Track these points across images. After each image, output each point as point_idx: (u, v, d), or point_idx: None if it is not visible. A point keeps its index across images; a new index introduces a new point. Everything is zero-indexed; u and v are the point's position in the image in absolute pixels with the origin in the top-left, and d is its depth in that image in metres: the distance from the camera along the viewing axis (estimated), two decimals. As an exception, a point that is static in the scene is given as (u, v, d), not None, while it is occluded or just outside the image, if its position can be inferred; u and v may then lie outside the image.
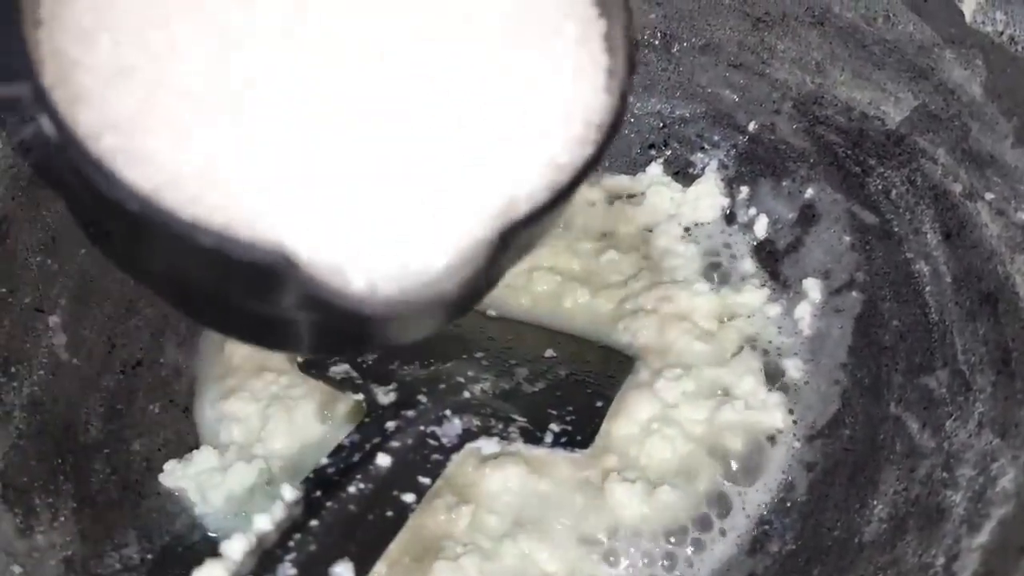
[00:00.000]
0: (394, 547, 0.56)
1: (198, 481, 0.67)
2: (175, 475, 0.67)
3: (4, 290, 0.65)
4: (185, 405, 0.73)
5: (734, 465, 0.67)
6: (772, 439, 0.68)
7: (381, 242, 0.34)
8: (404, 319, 0.35)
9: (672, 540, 0.64)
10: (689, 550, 0.64)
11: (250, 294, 0.36)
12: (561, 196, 0.36)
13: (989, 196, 0.64)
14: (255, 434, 0.69)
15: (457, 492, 0.66)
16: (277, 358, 0.74)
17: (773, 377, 0.72)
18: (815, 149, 0.77)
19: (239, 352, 0.74)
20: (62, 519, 0.60)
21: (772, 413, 0.69)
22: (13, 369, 0.64)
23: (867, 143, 0.73)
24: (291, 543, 0.51)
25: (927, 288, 0.67)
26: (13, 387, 0.63)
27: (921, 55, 0.70)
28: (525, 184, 0.36)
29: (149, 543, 0.63)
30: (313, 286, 0.32)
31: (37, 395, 0.64)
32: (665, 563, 0.64)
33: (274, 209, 0.33)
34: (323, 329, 0.39)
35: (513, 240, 0.34)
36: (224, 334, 0.64)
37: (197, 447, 0.70)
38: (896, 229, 0.71)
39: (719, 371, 0.71)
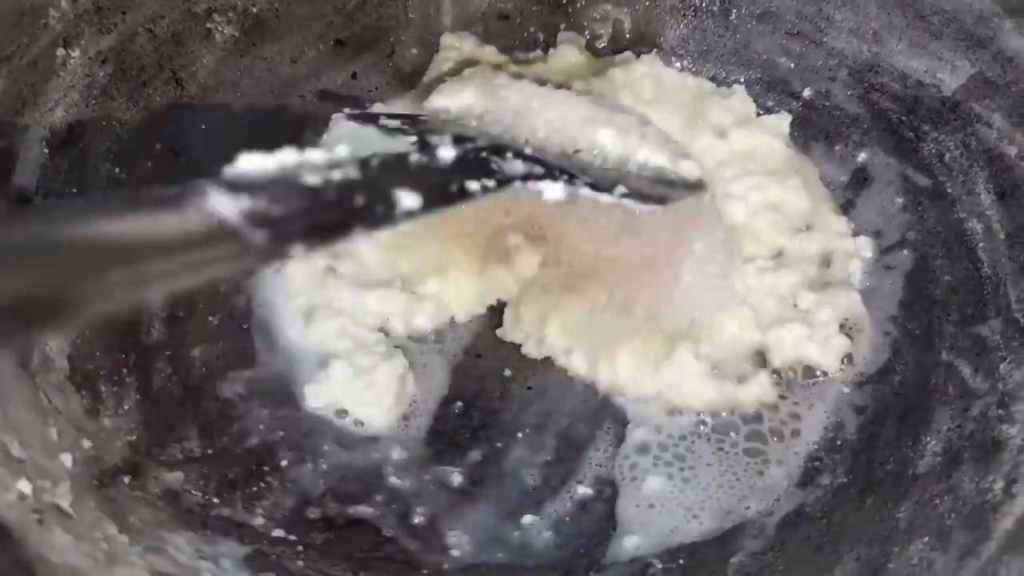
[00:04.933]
0: None
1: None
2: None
3: (75, 191, 0.66)
4: (243, 320, 0.73)
5: (782, 392, 0.69)
6: (821, 382, 0.69)
7: None
8: None
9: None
10: (739, 482, 0.65)
11: None
12: None
13: (1046, 156, 0.66)
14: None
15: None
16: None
17: (823, 327, 0.73)
18: (869, 115, 0.79)
19: (300, 271, 0.75)
20: (127, 407, 0.61)
21: (825, 355, 0.69)
22: (81, 266, 0.65)
23: (922, 109, 0.75)
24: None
25: (980, 245, 0.69)
26: (81, 283, 0.64)
27: (980, 25, 0.72)
28: None
29: (209, 440, 0.64)
30: None
31: (102, 293, 0.65)
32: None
33: None
34: None
35: None
36: None
37: (255, 360, 0.70)
38: (949, 190, 0.72)
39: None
